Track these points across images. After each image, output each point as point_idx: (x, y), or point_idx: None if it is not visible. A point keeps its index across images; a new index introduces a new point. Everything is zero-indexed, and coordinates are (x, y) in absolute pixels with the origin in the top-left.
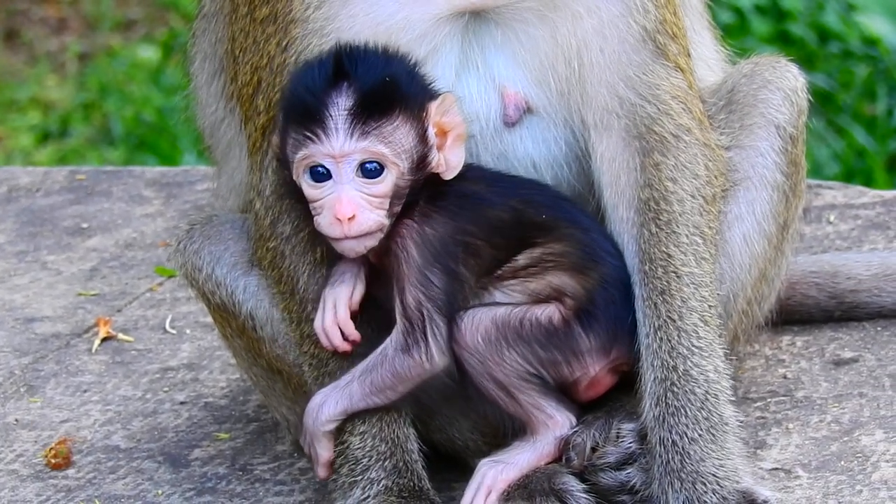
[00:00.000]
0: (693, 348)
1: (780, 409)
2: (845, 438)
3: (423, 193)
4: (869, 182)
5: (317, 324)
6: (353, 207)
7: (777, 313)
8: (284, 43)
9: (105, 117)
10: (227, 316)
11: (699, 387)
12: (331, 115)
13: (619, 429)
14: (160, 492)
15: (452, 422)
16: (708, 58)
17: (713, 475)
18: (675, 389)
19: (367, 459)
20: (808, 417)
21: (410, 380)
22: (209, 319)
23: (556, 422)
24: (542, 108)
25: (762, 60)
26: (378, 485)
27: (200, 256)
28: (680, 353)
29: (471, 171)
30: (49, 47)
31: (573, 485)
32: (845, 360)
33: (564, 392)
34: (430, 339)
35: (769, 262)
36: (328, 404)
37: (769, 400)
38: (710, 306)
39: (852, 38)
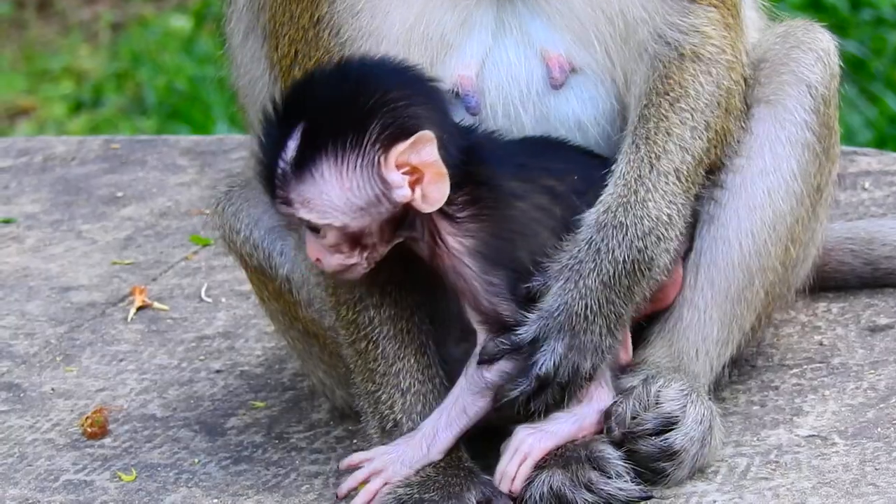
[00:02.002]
0: (658, 187)
1: (816, 376)
2: (882, 405)
3: (444, 208)
4: None
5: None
6: (314, 253)
7: (813, 279)
8: (316, 17)
9: (138, 87)
10: (263, 279)
11: (648, 219)
12: (273, 172)
13: (657, 394)
14: (196, 460)
15: None
16: (748, 17)
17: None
18: (627, 209)
19: (405, 430)
20: (844, 384)
21: (507, 374)
22: (245, 288)
23: (602, 394)
24: (588, 68)
25: (795, 23)
26: None
27: (239, 219)
28: (644, 185)
29: (494, 159)
30: (82, 17)
31: (610, 452)
32: (881, 327)
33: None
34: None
35: (799, 224)
36: (442, 432)
37: (805, 367)
38: (688, 171)
39: (885, 5)
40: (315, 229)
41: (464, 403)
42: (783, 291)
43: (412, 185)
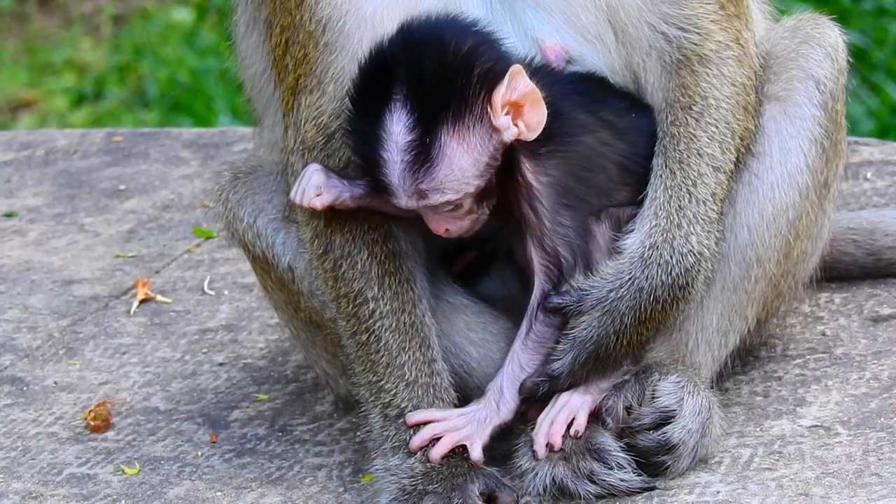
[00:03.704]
0: (699, 217)
1: (819, 367)
2: (885, 395)
3: (527, 144)
4: None
5: (293, 194)
6: (442, 227)
7: (819, 271)
8: (299, 1)
9: (140, 79)
10: (266, 268)
11: (693, 255)
12: (389, 168)
13: (654, 388)
14: (200, 453)
15: (491, 379)
16: (753, 10)
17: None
18: (673, 247)
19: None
20: (847, 374)
21: (555, 329)
22: (247, 280)
23: None
24: (586, 57)
25: (805, 17)
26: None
27: (243, 206)
28: (686, 216)
29: (556, 91)
30: (83, 10)
31: (610, 444)
32: (884, 317)
33: None
34: (571, 281)
35: (805, 218)
36: (507, 390)
37: (808, 357)
38: (722, 190)
39: None
40: (448, 209)
41: (520, 360)
42: (789, 284)
43: (514, 121)
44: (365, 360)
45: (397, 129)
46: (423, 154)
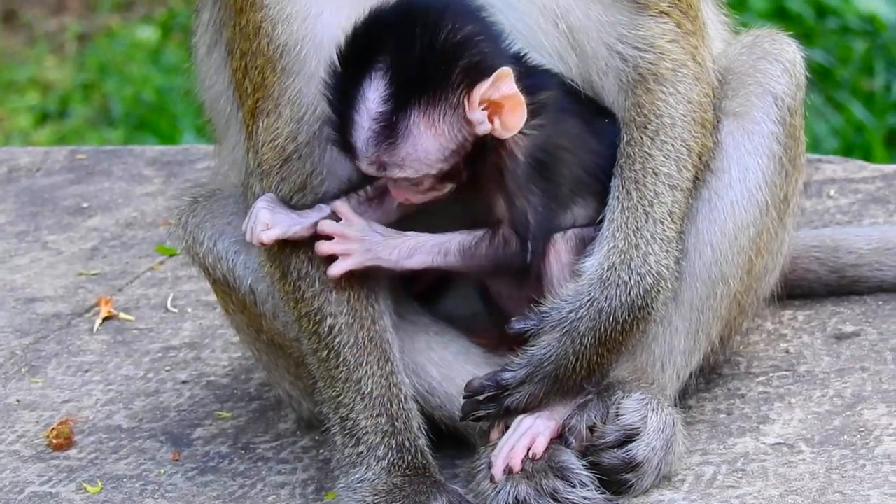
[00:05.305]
0: (656, 237)
1: (782, 384)
2: (848, 413)
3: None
4: (868, 157)
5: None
6: (402, 196)
7: (780, 287)
8: (256, 27)
9: (104, 98)
10: (228, 291)
11: (651, 275)
12: (357, 131)
13: (618, 406)
14: (162, 471)
15: (453, 399)
16: (713, 27)
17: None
18: (631, 267)
19: (370, 438)
20: (810, 392)
21: (490, 259)
22: (210, 298)
23: None
24: None
25: (762, 33)
26: (381, 463)
27: (202, 230)
28: (643, 236)
29: (544, 81)
30: (48, 28)
31: (573, 462)
32: (847, 335)
33: None
34: (528, 242)
35: (766, 233)
36: (417, 255)
37: (771, 374)
38: (680, 208)
39: (850, 14)
40: (410, 182)
41: (448, 248)
42: (752, 300)
43: (490, 118)
44: (326, 377)
45: (372, 97)
46: (390, 128)
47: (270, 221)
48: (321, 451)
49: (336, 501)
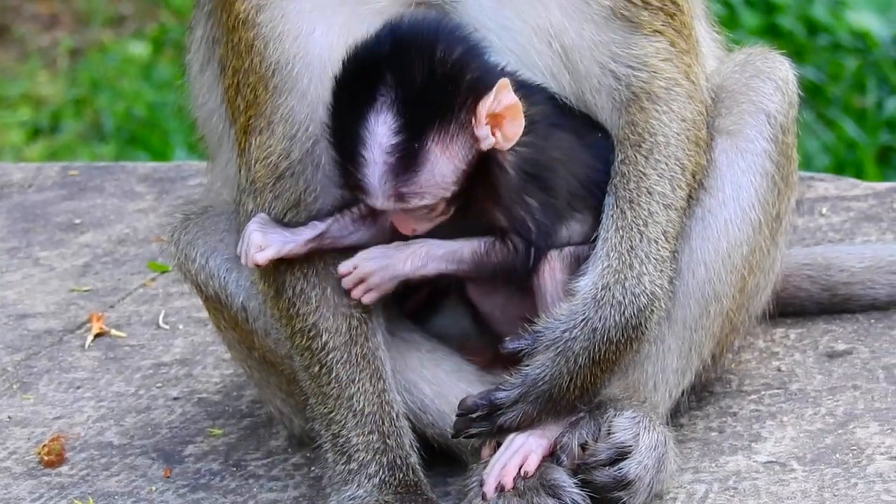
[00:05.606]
0: (650, 256)
1: (774, 402)
2: (840, 431)
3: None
4: (859, 174)
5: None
6: (409, 227)
7: (772, 305)
8: (249, 45)
9: (96, 113)
10: (220, 308)
11: (645, 295)
12: (370, 168)
13: (610, 424)
14: (154, 488)
15: (445, 416)
16: (706, 45)
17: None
18: (625, 287)
19: (361, 455)
20: (802, 410)
21: (499, 265)
22: (202, 315)
23: None
24: None
25: (755, 51)
26: (373, 480)
27: (194, 247)
28: (638, 256)
29: (536, 95)
30: (40, 43)
31: (565, 479)
32: (839, 353)
33: None
34: (531, 247)
35: (758, 252)
36: (432, 262)
37: (763, 393)
38: (674, 228)
39: (841, 31)
40: (421, 211)
41: (461, 255)
42: (744, 318)
43: (493, 131)
44: (317, 393)
45: (382, 131)
46: (406, 158)
47: (263, 242)
48: (313, 468)
49: None
